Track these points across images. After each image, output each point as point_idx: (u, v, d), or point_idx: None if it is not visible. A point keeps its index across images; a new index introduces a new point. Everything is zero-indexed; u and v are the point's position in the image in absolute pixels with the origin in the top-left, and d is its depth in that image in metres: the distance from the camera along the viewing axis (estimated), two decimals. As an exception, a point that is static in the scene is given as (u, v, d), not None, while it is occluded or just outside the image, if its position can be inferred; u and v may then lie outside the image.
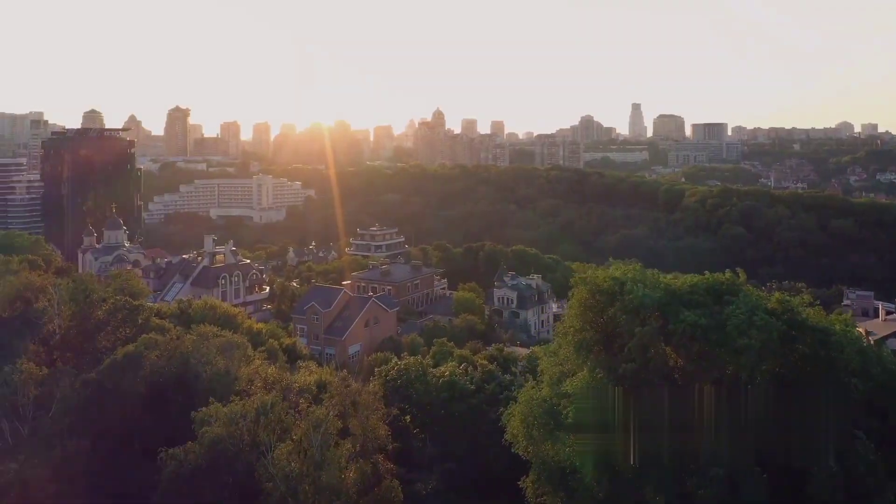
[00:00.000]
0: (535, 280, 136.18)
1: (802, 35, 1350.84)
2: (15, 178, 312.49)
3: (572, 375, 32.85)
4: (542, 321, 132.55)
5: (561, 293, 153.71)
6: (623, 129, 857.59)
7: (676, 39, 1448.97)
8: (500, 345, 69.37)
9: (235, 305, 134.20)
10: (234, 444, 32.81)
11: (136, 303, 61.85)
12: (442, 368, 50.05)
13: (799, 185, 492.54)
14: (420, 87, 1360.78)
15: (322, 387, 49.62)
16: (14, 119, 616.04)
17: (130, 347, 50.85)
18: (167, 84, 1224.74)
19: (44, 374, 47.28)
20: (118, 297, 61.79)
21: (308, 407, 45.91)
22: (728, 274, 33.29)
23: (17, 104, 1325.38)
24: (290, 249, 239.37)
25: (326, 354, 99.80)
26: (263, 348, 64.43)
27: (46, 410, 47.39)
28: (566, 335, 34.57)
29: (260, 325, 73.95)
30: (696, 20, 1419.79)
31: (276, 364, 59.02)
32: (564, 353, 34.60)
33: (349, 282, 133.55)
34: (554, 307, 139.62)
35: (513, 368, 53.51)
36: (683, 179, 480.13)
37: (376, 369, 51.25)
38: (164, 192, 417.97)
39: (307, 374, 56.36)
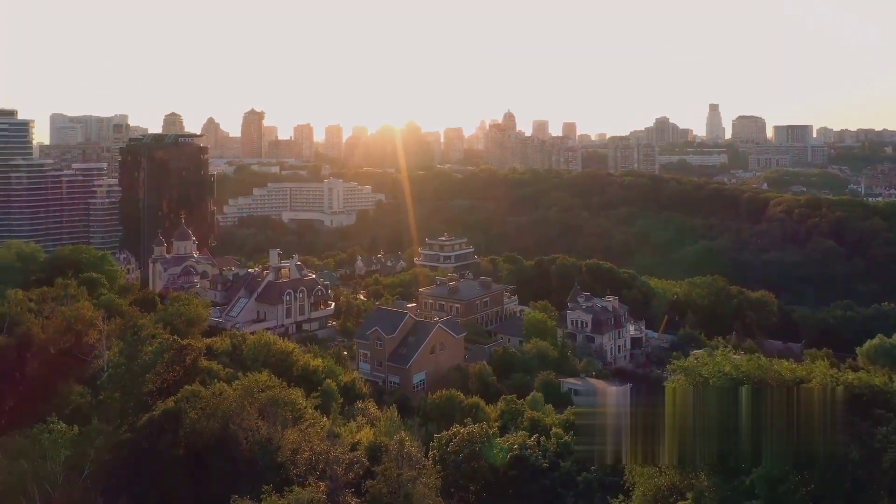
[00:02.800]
0: (611, 302, 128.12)
1: (891, 33, 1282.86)
2: (96, 183, 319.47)
3: (673, 497, 26.43)
4: (619, 346, 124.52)
5: (638, 314, 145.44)
6: (700, 131, 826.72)
7: (756, 38, 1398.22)
8: (576, 408, 62.33)
9: (300, 322, 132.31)
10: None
11: (184, 342, 57.97)
12: (510, 440, 43.98)
13: (892, 191, 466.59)
14: (491, 88, 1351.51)
15: (375, 454, 44.47)
16: (100, 122, 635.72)
17: (170, 403, 46.81)
18: (245, 86, 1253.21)
19: (75, 433, 43.36)
20: (166, 337, 58.17)
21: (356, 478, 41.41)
22: (879, 377, 26.18)
23: (105, 106, 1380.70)
24: (359, 258, 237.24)
25: (390, 383, 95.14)
26: (318, 392, 59.90)
27: (79, 473, 43.86)
28: (665, 440, 28.05)
29: (317, 363, 69.32)
30: (778, 19, 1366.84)
31: (330, 416, 54.58)
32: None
33: (413, 304, 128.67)
34: (631, 330, 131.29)
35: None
36: (766, 185, 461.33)
37: (435, 435, 45.53)
38: (238, 195, 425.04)
39: (360, 429, 51.61)
